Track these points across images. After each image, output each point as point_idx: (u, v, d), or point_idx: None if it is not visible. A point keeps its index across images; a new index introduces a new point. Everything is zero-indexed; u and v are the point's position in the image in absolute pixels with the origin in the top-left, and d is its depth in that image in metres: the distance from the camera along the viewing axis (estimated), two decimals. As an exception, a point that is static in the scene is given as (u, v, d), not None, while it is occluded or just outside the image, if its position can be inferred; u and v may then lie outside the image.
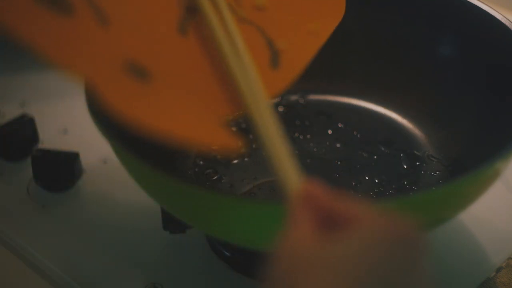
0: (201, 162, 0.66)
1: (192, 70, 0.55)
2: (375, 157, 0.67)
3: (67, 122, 0.73)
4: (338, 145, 0.68)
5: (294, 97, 0.73)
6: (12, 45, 0.44)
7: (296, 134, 0.69)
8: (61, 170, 0.67)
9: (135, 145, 0.53)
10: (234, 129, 0.48)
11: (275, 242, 0.37)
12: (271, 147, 0.46)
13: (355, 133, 0.69)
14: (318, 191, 0.40)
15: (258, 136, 0.48)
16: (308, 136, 0.69)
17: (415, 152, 0.67)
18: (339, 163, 0.66)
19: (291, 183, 0.43)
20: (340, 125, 0.70)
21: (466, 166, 0.59)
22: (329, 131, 0.69)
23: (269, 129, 0.48)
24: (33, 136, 0.71)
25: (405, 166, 0.66)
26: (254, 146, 0.68)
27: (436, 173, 0.65)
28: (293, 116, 0.71)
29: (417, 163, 0.66)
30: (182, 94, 0.53)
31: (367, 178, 0.65)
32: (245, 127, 0.66)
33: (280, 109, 0.72)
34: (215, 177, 0.65)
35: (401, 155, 0.67)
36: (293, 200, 0.41)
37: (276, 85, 0.58)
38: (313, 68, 0.72)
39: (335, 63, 0.72)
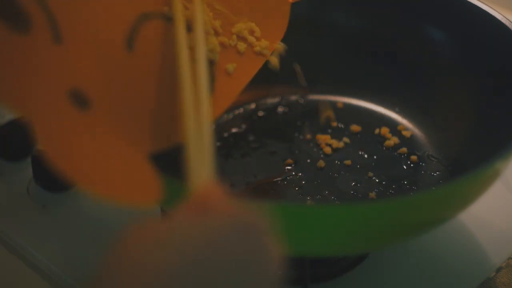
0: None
1: (132, 93, 0.54)
2: (375, 157, 0.67)
3: (67, 122, 0.73)
4: (338, 145, 0.68)
5: (294, 97, 0.73)
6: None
7: (296, 134, 0.69)
8: (61, 170, 0.67)
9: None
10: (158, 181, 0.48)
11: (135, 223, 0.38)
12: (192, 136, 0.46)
13: (355, 133, 0.69)
14: (214, 197, 0.41)
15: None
16: (308, 136, 0.69)
17: (415, 152, 0.67)
18: (339, 163, 0.66)
19: (198, 179, 0.43)
20: (340, 125, 0.70)
21: (466, 166, 0.59)
22: (329, 131, 0.69)
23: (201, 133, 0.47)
24: (33, 136, 0.71)
25: (405, 166, 0.66)
26: (254, 146, 0.68)
27: (436, 173, 0.65)
28: (293, 116, 0.71)
29: (417, 163, 0.66)
30: (116, 125, 0.51)
31: (367, 178, 0.65)
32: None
33: (280, 109, 0.72)
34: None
35: (401, 155, 0.67)
36: (189, 196, 0.41)
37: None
38: (313, 68, 0.72)
39: (335, 63, 0.72)
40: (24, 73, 0.45)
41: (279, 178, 0.65)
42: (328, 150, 0.67)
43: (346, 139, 0.68)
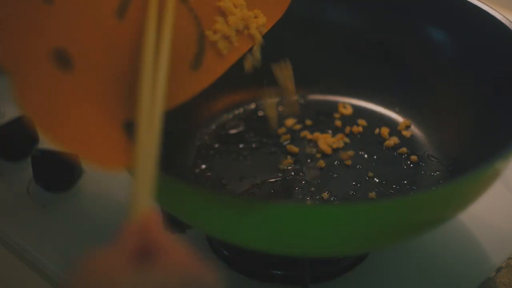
0: (201, 163, 0.66)
1: (115, 60, 0.54)
2: (375, 157, 0.67)
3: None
4: (338, 145, 0.68)
5: (294, 97, 0.73)
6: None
7: (296, 134, 0.69)
8: (61, 170, 0.67)
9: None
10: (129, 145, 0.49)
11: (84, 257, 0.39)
12: (140, 160, 0.46)
13: (355, 133, 0.69)
14: (152, 223, 0.42)
15: (135, 143, 0.47)
16: (308, 136, 0.69)
17: (415, 152, 0.67)
18: (339, 163, 0.66)
19: (138, 206, 0.44)
20: (340, 125, 0.70)
21: (466, 166, 0.59)
22: (329, 131, 0.69)
23: (148, 143, 0.47)
24: (33, 136, 0.71)
25: (405, 166, 0.66)
26: (254, 146, 0.68)
27: (436, 173, 0.65)
28: (293, 116, 0.71)
29: (417, 163, 0.66)
30: (95, 89, 0.52)
31: (367, 178, 0.65)
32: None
33: (280, 109, 0.72)
34: (214, 177, 0.65)
35: (401, 155, 0.67)
36: (130, 223, 0.42)
37: (191, 86, 0.58)
38: (313, 68, 0.72)
39: (335, 63, 0.72)
40: (11, 28, 0.47)
41: (279, 178, 0.65)
42: (328, 150, 0.67)
43: (346, 139, 0.68)
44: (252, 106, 0.72)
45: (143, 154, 0.47)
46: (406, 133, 0.68)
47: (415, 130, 0.69)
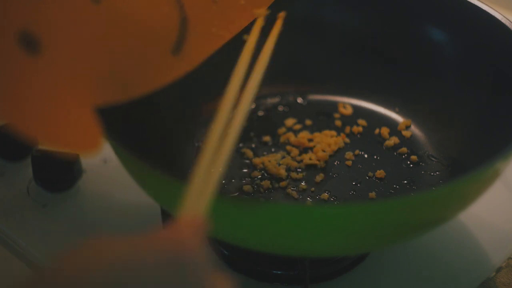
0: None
1: (87, 44, 0.52)
2: (375, 157, 0.67)
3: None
4: (338, 145, 0.68)
5: (294, 97, 0.73)
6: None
7: (296, 134, 0.69)
8: (61, 170, 0.67)
9: (135, 145, 0.53)
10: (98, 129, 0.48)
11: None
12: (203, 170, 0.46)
13: (355, 133, 0.69)
14: (189, 230, 0.40)
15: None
16: (308, 136, 0.69)
17: (415, 152, 0.67)
18: (339, 163, 0.66)
19: (187, 210, 0.42)
20: (340, 125, 0.70)
21: (466, 166, 0.59)
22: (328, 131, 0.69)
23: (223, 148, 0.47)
24: (33, 136, 0.71)
25: (405, 166, 0.66)
26: (253, 146, 0.68)
27: (436, 173, 0.65)
28: (293, 116, 0.71)
29: (417, 163, 0.66)
30: (64, 73, 0.50)
31: (367, 178, 0.65)
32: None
33: (280, 108, 0.72)
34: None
35: (401, 155, 0.67)
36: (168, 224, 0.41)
37: (172, 70, 0.57)
38: (313, 68, 0.72)
39: (335, 63, 0.72)
40: None
41: (279, 178, 0.65)
42: (328, 150, 0.67)
43: (346, 139, 0.68)
44: (252, 106, 0.72)
45: (207, 164, 0.46)
46: (406, 133, 0.68)
47: (415, 130, 0.69)
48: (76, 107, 0.49)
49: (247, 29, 0.62)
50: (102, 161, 0.69)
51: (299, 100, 0.73)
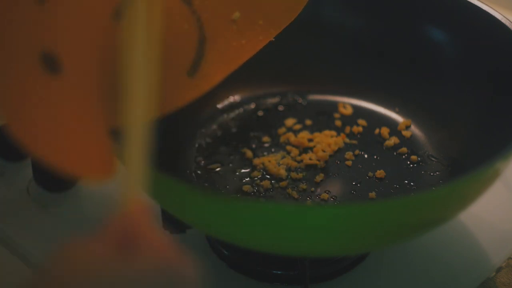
0: (202, 162, 0.66)
1: (107, 63, 0.51)
2: (375, 157, 0.67)
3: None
4: (338, 145, 0.68)
5: (294, 97, 0.73)
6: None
7: (296, 134, 0.69)
8: (61, 170, 0.67)
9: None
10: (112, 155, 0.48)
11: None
12: (131, 153, 0.45)
13: (355, 133, 0.69)
14: (138, 216, 0.41)
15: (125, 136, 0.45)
16: (308, 136, 0.69)
17: (415, 152, 0.67)
18: (339, 162, 0.66)
19: (127, 199, 0.43)
20: (340, 125, 0.70)
21: (466, 166, 0.59)
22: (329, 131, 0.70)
23: (139, 136, 0.45)
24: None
25: (405, 166, 0.66)
26: (253, 146, 0.68)
27: (436, 173, 0.65)
28: (292, 116, 0.71)
29: (417, 163, 0.66)
30: (83, 94, 0.49)
31: (367, 178, 0.65)
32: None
33: (280, 108, 0.72)
34: (215, 177, 0.65)
35: (401, 155, 0.67)
36: (116, 215, 0.41)
37: (188, 91, 0.56)
38: (313, 68, 0.72)
39: (336, 63, 0.72)
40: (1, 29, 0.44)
41: (279, 178, 0.65)
42: (328, 150, 0.67)
43: (346, 139, 0.68)
44: (252, 106, 0.72)
45: (134, 147, 0.46)
46: (406, 133, 0.68)
47: (415, 130, 0.69)
48: (92, 130, 0.49)
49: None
50: (102, 161, 0.69)
51: (299, 100, 0.73)
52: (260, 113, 0.72)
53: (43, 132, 0.45)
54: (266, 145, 0.68)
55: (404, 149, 0.67)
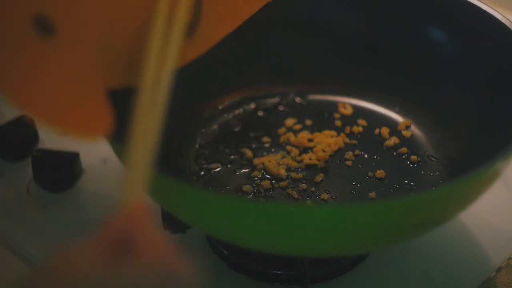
0: (202, 162, 0.66)
1: (103, 26, 0.52)
2: (375, 157, 0.67)
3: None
4: (338, 145, 0.68)
5: (294, 97, 0.73)
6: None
7: (296, 134, 0.69)
8: (61, 170, 0.67)
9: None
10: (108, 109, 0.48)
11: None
12: (134, 152, 0.45)
13: (355, 133, 0.69)
14: (136, 216, 0.42)
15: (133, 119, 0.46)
16: (308, 136, 0.69)
17: (415, 152, 0.67)
18: (339, 162, 0.66)
19: (127, 198, 0.43)
20: (340, 125, 0.70)
21: (466, 166, 0.59)
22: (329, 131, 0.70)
23: (145, 136, 0.47)
24: (33, 136, 0.71)
25: (405, 166, 0.66)
26: (253, 146, 0.68)
27: (436, 173, 0.65)
28: (293, 116, 0.71)
29: (417, 163, 0.66)
30: (78, 56, 0.50)
31: (367, 178, 0.65)
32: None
33: (280, 108, 0.72)
34: (215, 177, 0.65)
35: (401, 155, 0.67)
36: (113, 215, 0.42)
37: (184, 52, 0.56)
38: (313, 68, 0.72)
39: (335, 63, 0.72)
40: None
41: (279, 178, 0.65)
42: (328, 150, 0.67)
43: (346, 139, 0.68)
44: (252, 106, 0.72)
45: (136, 147, 0.46)
46: (406, 133, 0.68)
47: (415, 130, 0.69)
48: (88, 90, 0.49)
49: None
50: (102, 161, 0.69)
51: (299, 100, 0.73)
52: (260, 113, 0.72)
53: (37, 93, 0.46)
54: (266, 145, 0.68)
55: (404, 149, 0.67)
